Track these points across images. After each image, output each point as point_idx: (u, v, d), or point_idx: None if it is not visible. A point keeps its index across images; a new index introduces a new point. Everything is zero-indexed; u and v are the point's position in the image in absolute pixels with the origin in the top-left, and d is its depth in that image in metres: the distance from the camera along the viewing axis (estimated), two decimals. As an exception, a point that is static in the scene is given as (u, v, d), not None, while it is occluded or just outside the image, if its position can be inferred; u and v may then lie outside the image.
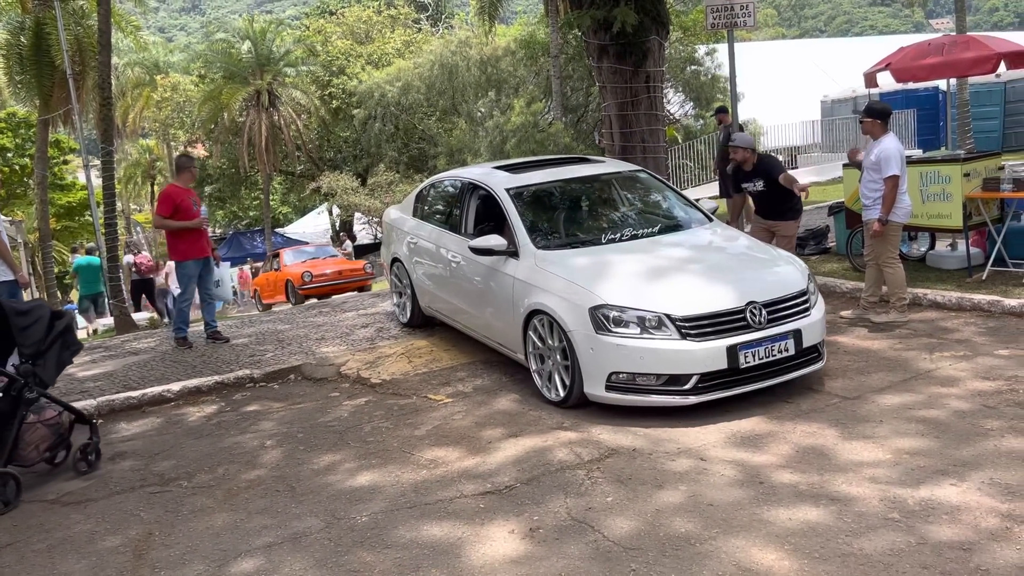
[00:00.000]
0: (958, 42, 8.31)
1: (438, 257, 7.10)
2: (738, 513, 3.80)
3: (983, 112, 22.78)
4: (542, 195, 6.64)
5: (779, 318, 5.22)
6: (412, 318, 7.89)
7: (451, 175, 7.71)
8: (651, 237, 6.12)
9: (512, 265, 5.95)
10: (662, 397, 5.07)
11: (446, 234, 7.06)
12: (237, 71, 31.23)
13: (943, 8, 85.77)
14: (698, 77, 25.70)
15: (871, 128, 6.78)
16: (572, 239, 6.17)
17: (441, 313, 7.32)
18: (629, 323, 5.09)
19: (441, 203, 7.68)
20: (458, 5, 53.53)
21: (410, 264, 7.67)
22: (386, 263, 8.46)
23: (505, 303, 5.98)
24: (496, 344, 6.41)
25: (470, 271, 6.50)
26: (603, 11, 9.10)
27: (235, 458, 5.26)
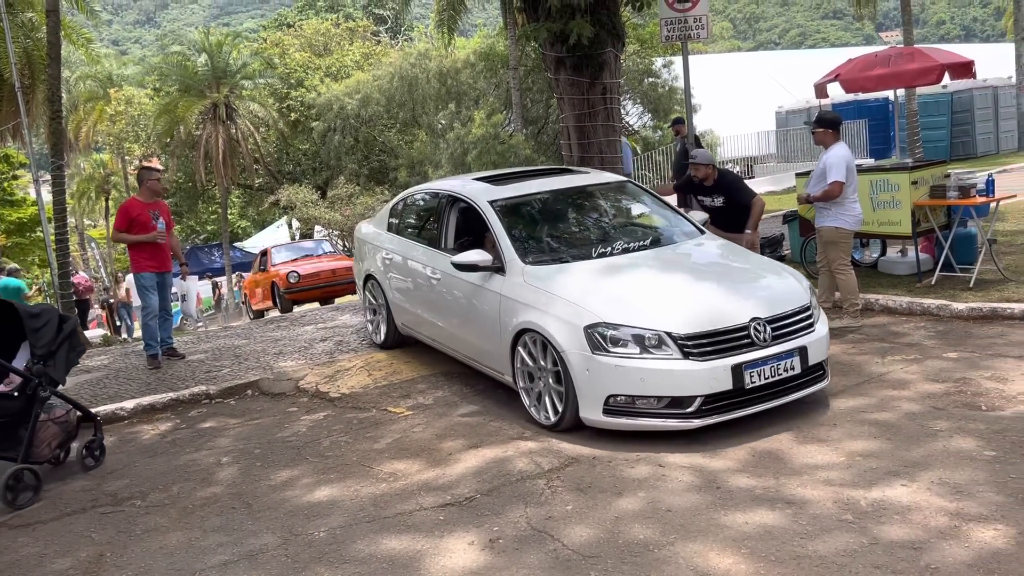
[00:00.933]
0: (903, 54, 8.54)
1: (416, 273, 6.74)
2: (695, 518, 3.83)
3: (931, 122, 23.40)
4: (527, 207, 6.32)
5: (784, 335, 4.96)
6: (387, 338, 7.50)
7: (429, 187, 7.37)
8: (644, 251, 5.82)
9: (498, 281, 5.61)
10: (664, 421, 4.77)
11: (425, 249, 6.69)
12: (193, 84, 30.84)
13: (892, 21, 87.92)
14: (656, 89, 26.03)
15: (822, 137, 6.93)
16: (561, 253, 5.83)
17: (419, 333, 6.96)
18: (627, 342, 4.80)
19: (418, 217, 7.34)
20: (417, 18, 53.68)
21: (385, 281, 7.29)
22: (358, 280, 8.06)
23: (491, 322, 5.65)
24: (481, 365, 6.06)
25: (452, 288, 6.16)
26: (559, 24, 9.16)
27: (190, 476, 5.17)
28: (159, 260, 7.92)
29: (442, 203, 6.74)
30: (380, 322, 7.59)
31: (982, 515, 3.60)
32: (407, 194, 7.64)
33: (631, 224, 6.50)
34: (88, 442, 5.51)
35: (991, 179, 7.80)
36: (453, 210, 6.57)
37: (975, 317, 6.78)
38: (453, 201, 6.59)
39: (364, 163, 30.04)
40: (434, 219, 6.83)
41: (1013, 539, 3.39)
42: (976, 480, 3.94)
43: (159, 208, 8.01)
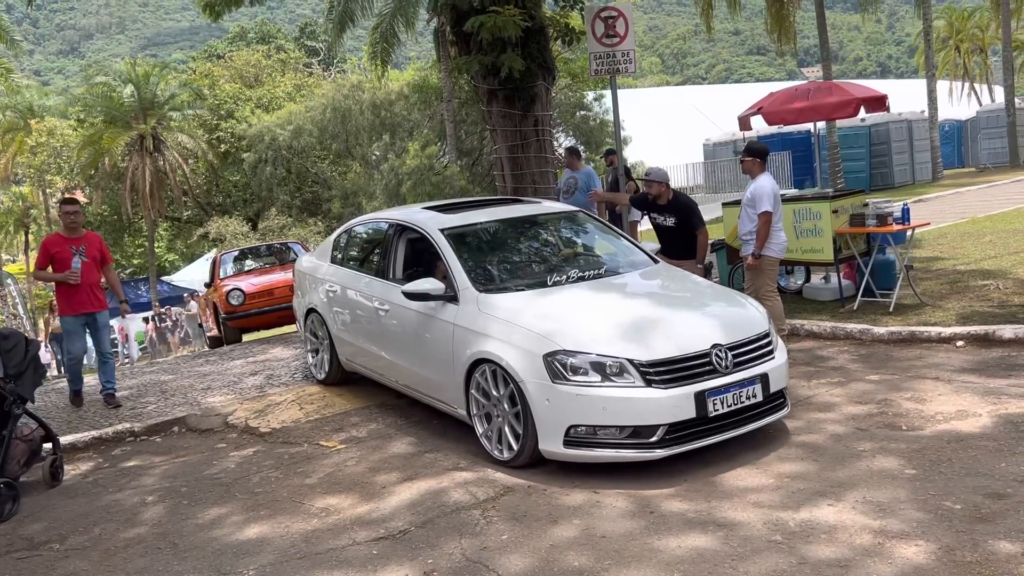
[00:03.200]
0: (822, 87, 8.90)
1: (362, 306, 6.51)
2: (629, 544, 3.85)
3: (851, 154, 24.36)
4: (479, 236, 6.21)
5: (744, 362, 4.88)
6: (330, 373, 7.19)
7: (375, 217, 7.23)
8: (599, 279, 5.76)
9: (451, 311, 5.43)
10: (626, 452, 4.61)
11: (371, 280, 6.46)
12: (119, 115, 30.17)
13: (812, 57, 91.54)
14: (587, 121, 26.51)
15: (750, 167, 7.14)
16: (516, 282, 5.69)
17: (366, 367, 6.67)
18: (588, 370, 4.65)
19: (364, 248, 7.10)
20: (350, 50, 53.66)
21: (328, 315, 7.00)
22: (299, 316, 7.73)
23: (444, 353, 5.44)
24: (432, 399, 5.84)
25: (401, 320, 5.96)
26: (491, 57, 9.29)
27: (112, 516, 4.98)
28: (81, 300, 7.28)
29: (389, 233, 6.55)
30: (324, 357, 7.26)
31: (904, 532, 3.71)
32: (351, 225, 7.39)
33: (585, 253, 6.43)
34: (51, 460, 5.71)
35: (906, 207, 8.13)
36: (401, 240, 6.41)
37: (895, 340, 7.03)
38: (401, 230, 6.43)
39: (296, 194, 29.74)
40: (381, 250, 6.61)
41: (934, 554, 3.50)
42: (898, 498, 4.06)
43: (86, 242, 7.37)
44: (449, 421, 6.05)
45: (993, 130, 29.18)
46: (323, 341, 7.21)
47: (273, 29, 54.59)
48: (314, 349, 7.47)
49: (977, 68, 48.65)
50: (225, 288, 11.70)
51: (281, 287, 11.54)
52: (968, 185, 22.05)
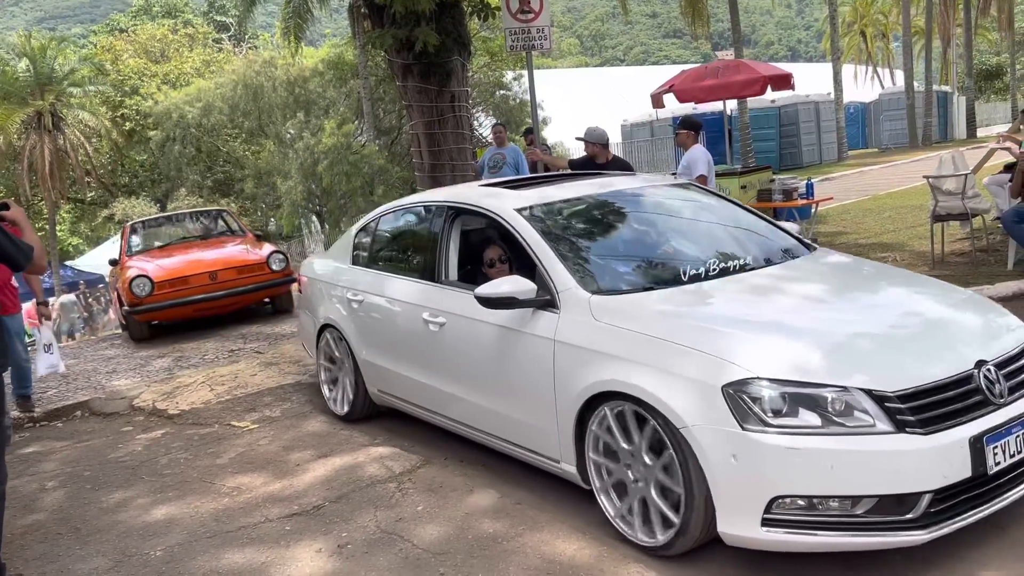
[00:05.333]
0: (730, 66, 9.12)
1: (401, 319, 4.90)
2: (543, 512, 3.90)
3: (762, 134, 25.07)
4: (572, 218, 4.51)
5: (1020, 384, 3.31)
6: (355, 407, 5.48)
7: (413, 202, 5.45)
8: (754, 271, 4.06)
9: (547, 322, 3.80)
10: (869, 536, 2.99)
11: (413, 284, 4.86)
12: (13, 91, 28.58)
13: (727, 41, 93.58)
14: (507, 101, 26.48)
15: (685, 139, 7.33)
16: (637, 277, 4.04)
17: (407, 401, 5.03)
18: (798, 408, 3.02)
19: (400, 242, 5.48)
20: (262, 26, 52.15)
21: (351, 332, 5.36)
22: (309, 334, 6.07)
23: (537, 383, 3.81)
24: (518, 449, 4.11)
25: (465, 336, 4.35)
26: (405, 31, 9.15)
27: (10, 503, 4.69)
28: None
29: (437, 221, 4.88)
30: (344, 387, 5.60)
31: None
32: (379, 214, 5.65)
33: (717, 237, 4.57)
34: None
35: (811, 184, 8.44)
36: (454, 228, 4.77)
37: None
38: (454, 216, 4.78)
39: (207, 174, 28.81)
40: (427, 244, 4.94)
41: None
42: None
43: None
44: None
45: (894, 112, 30.52)
46: (343, 366, 5.58)
47: (180, 3, 52.53)
48: (331, 378, 5.79)
49: (880, 53, 50.68)
50: (129, 274, 9.09)
51: (200, 273, 9.13)
52: (871, 164, 22.99)
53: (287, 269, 9.46)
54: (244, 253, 9.70)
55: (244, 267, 9.29)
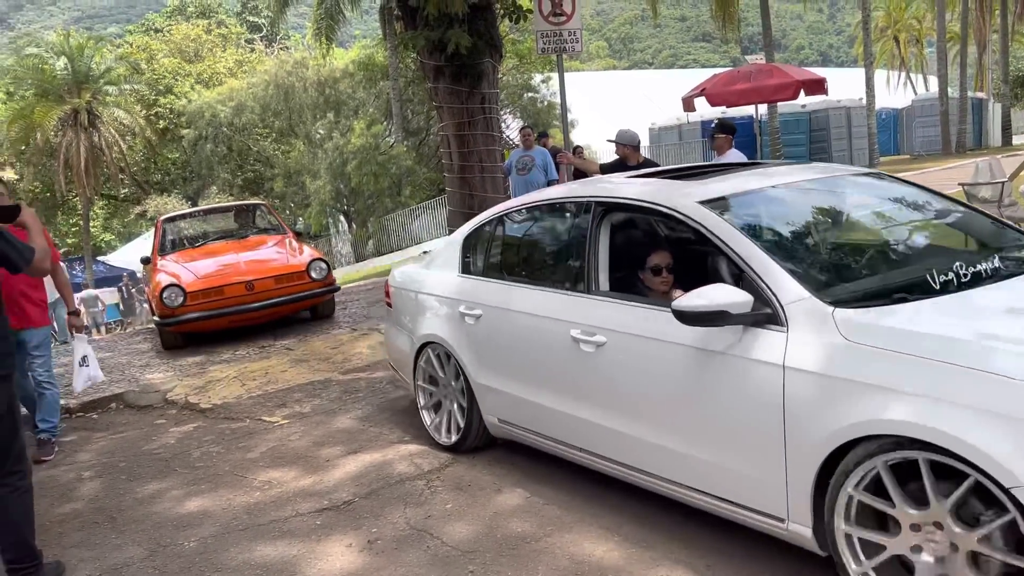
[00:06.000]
0: (763, 70, 9.09)
1: (539, 336, 4.08)
2: (570, 510, 3.92)
3: (792, 139, 24.88)
4: (773, 213, 3.75)
5: None
6: (467, 436, 4.75)
7: (547, 198, 4.60)
8: (1013, 277, 3.23)
9: (768, 342, 3.01)
10: None
11: (555, 296, 4.05)
12: (51, 88, 29.18)
13: (756, 45, 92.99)
14: (535, 103, 26.55)
15: (722, 143, 7.24)
16: (884, 285, 3.20)
17: (540, 434, 4.22)
18: None
19: (531, 247, 4.80)
20: (294, 27, 52.60)
21: (464, 351, 4.63)
22: (403, 353, 5.29)
23: (755, 419, 3.02)
24: (717, 502, 3.28)
25: (633, 359, 3.56)
26: (437, 33, 9.24)
27: (47, 492, 4.87)
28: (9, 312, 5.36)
29: (583, 220, 4.06)
30: (452, 413, 4.90)
31: None
32: (496, 214, 4.83)
33: (954, 234, 3.91)
34: None
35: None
36: (604, 228, 3.95)
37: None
38: (605, 213, 3.97)
39: (238, 173, 29.19)
40: (569, 247, 4.21)
41: None
42: None
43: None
44: (397, 392, 6.06)
45: (927, 118, 30.16)
46: (450, 390, 4.90)
47: (214, 3, 53.16)
48: (433, 403, 5.09)
49: (913, 58, 50.09)
50: (160, 281, 8.38)
51: (235, 282, 8.34)
52: (903, 171, 22.71)
53: (328, 278, 8.75)
54: (283, 260, 8.84)
55: (282, 276, 8.50)
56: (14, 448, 3.52)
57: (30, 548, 3.57)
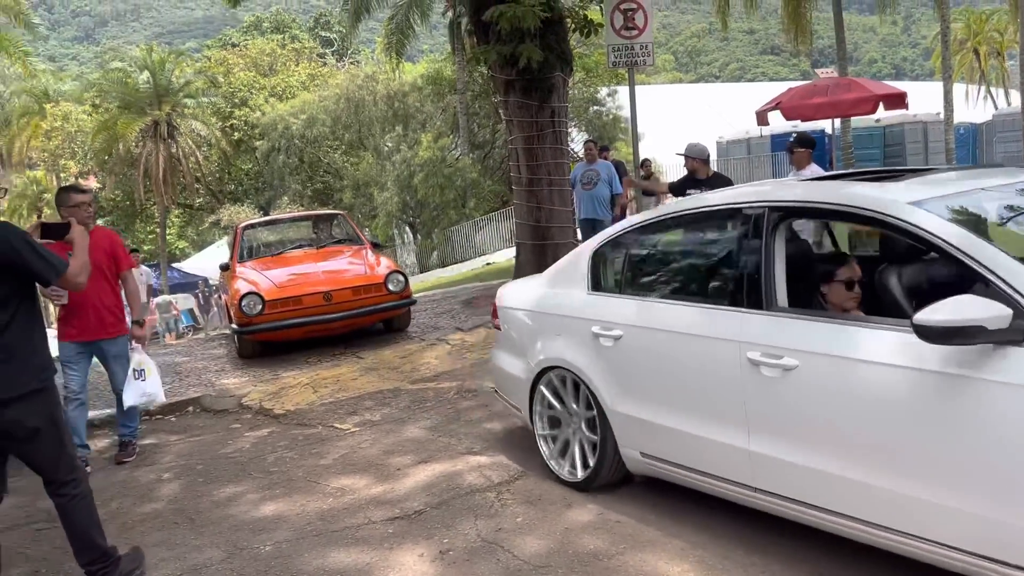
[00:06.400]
0: (841, 84, 8.91)
1: (701, 360, 3.64)
2: (645, 529, 3.87)
3: (865, 154, 24.27)
4: (994, 216, 3.38)
5: None
6: (600, 473, 4.26)
7: (704, 205, 4.11)
8: None
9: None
10: None
11: (725, 314, 3.57)
12: (134, 101, 30.33)
13: (827, 58, 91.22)
14: (600, 117, 26.52)
15: (800, 158, 7.06)
16: None
17: (701, 471, 3.70)
18: None
19: (686, 260, 4.21)
20: (364, 42, 53.68)
21: (599, 377, 4.16)
22: (513, 379, 4.88)
23: (1015, 461, 2.62)
24: (959, 555, 2.80)
25: (838, 385, 3.11)
26: (509, 47, 9.29)
27: (129, 492, 5.03)
28: (84, 324, 5.36)
29: (753, 228, 3.58)
30: (582, 444, 4.41)
31: None
32: (637, 224, 4.35)
33: None
34: None
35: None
36: (779, 237, 3.52)
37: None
38: (780, 219, 3.53)
39: (308, 184, 29.86)
40: (737, 259, 3.67)
41: None
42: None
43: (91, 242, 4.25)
44: (465, 403, 6.09)
45: (1009, 133, 29.03)
46: (577, 420, 4.44)
47: (287, 19, 54.72)
48: (551, 425, 4.66)
49: (994, 72, 48.43)
50: (238, 289, 8.32)
51: (314, 292, 8.22)
52: (982, 188, 21.92)
53: (405, 291, 8.63)
54: (361, 271, 8.75)
55: (360, 287, 8.39)
56: (62, 459, 3.54)
57: (101, 549, 3.62)
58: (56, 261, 3.40)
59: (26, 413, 3.38)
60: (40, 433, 3.42)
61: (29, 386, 3.38)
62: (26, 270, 3.33)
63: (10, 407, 3.33)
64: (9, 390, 3.32)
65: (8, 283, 3.31)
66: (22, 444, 3.43)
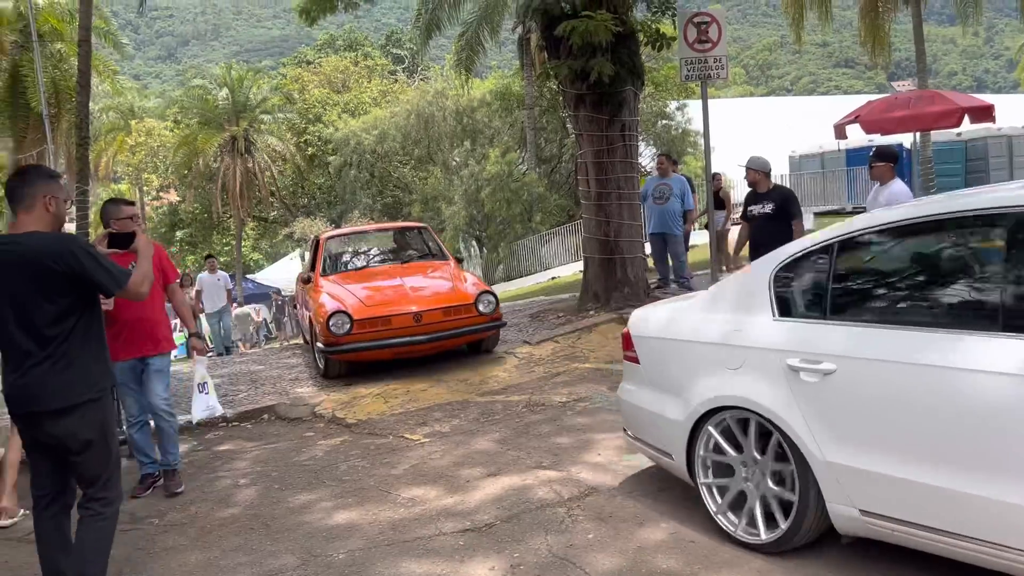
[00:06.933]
0: (923, 96, 8.64)
1: (970, 399, 2.94)
2: (721, 549, 3.78)
3: (946, 169, 23.45)
4: None
5: None
6: (796, 532, 3.56)
7: (949, 209, 3.29)
8: None
9: None
10: None
11: (993, 342, 2.93)
12: (213, 117, 31.42)
13: (904, 71, 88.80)
14: (669, 131, 26.30)
15: (881, 172, 6.76)
16: None
17: (964, 538, 2.97)
18: None
19: (927, 275, 3.45)
20: (434, 59, 54.46)
21: (799, 418, 3.46)
22: (661, 421, 4.20)
23: None
24: None
25: None
26: (580, 61, 9.30)
27: (208, 496, 5.16)
28: (131, 339, 5.08)
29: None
30: (767, 502, 3.73)
31: None
32: (840, 235, 3.64)
33: None
34: None
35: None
36: None
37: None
38: None
39: (378, 197, 30.37)
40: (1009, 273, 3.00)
41: None
42: None
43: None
44: (534, 416, 6.08)
45: (1102, 148, 27.73)
46: (759, 470, 3.76)
47: (360, 37, 55.88)
48: (717, 483, 3.98)
49: (1084, 83, 46.39)
50: (325, 306, 7.94)
51: (404, 313, 7.78)
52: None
53: (496, 312, 8.18)
54: (450, 291, 8.26)
55: (450, 308, 7.93)
56: (103, 475, 3.44)
57: None
58: (118, 272, 3.38)
59: (80, 425, 3.34)
60: (91, 446, 3.37)
61: (85, 396, 3.34)
62: (89, 281, 3.31)
63: (66, 417, 3.31)
64: (65, 400, 3.30)
65: (71, 294, 3.29)
66: (73, 455, 3.37)
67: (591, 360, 7.92)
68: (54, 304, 3.25)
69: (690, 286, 10.68)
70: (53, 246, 3.25)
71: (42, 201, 3.36)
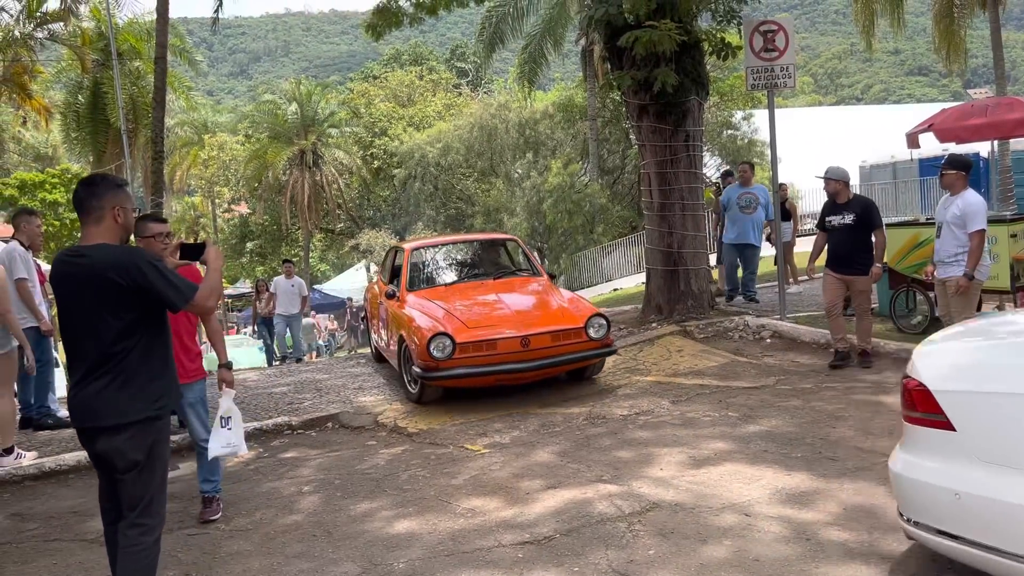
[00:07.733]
0: (1002, 103, 8.32)
1: None
2: (786, 569, 3.68)
3: (1025, 179, 22.56)
4: None
5: None
6: None
7: None
8: None
9: None
10: None
11: None
12: (283, 131, 32.22)
13: (980, 78, 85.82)
14: (734, 141, 25.93)
15: (953, 181, 6.46)
16: None
17: None
18: None
19: None
20: (497, 72, 54.88)
21: None
22: (991, 503, 2.99)
23: None
24: None
25: None
26: (644, 72, 9.24)
27: (272, 503, 5.25)
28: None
29: None
30: None
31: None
32: None
33: None
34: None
35: (1098, 234, 7.45)
36: None
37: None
38: None
39: (441, 210, 30.65)
40: None
41: None
42: None
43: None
44: (594, 429, 6.03)
45: None
46: None
47: (425, 51, 56.69)
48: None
49: None
50: (423, 327, 7.21)
51: (510, 337, 7.06)
52: None
53: (607, 338, 7.39)
54: (557, 312, 7.52)
55: (559, 332, 7.18)
56: (144, 499, 3.31)
57: None
58: (185, 286, 3.27)
59: (128, 445, 3.24)
60: (136, 467, 3.27)
61: (142, 414, 3.25)
62: (156, 296, 3.22)
63: (117, 435, 3.23)
64: (120, 417, 3.22)
65: (136, 309, 3.22)
66: (118, 473, 3.29)
67: (653, 373, 7.83)
68: (119, 319, 3.19)
69: (757, 299, 10.49)
70: (119, 260, 3.18)
71: (111, 213, 3.29)
